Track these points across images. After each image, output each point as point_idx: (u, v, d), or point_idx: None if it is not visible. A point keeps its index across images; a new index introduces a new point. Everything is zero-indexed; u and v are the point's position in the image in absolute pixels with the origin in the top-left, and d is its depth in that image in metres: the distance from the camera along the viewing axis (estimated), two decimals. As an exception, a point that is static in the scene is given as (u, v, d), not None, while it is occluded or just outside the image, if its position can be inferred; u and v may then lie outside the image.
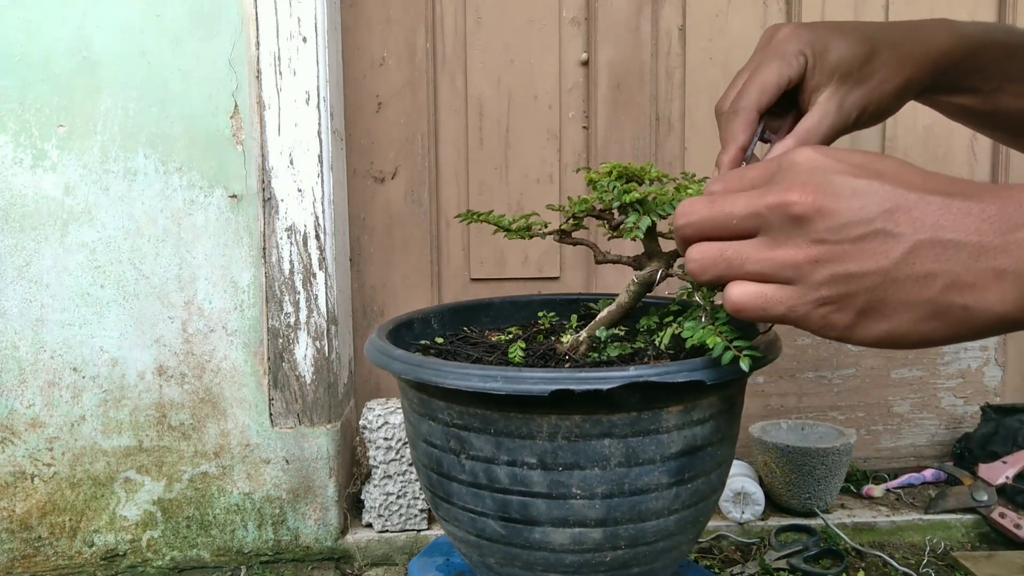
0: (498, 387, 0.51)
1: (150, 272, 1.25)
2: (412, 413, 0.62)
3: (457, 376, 0.53)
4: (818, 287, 0.40)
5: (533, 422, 0.54)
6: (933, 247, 0.38)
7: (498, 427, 0.55)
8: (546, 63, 1.44)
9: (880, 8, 1.46)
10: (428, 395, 0.59)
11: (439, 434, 0.58)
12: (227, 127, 1.24)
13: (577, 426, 0.54)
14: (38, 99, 1.21)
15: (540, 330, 0.75)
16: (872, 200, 0.39)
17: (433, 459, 0.60)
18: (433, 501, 0.63)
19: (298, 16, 1.22)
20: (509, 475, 0.55)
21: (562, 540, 0.56)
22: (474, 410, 0.55)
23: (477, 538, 0.59)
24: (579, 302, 0.83)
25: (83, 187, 1.23)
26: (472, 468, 0.57)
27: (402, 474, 1.29)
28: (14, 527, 1.27)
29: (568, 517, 0.56)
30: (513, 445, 0.55)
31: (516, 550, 0.58)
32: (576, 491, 0.55)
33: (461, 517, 0.60)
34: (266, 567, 1.30)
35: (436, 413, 0.58)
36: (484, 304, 0.82)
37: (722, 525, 1.33)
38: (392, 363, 0.59)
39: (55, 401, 1.26)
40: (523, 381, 0.51)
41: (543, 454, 0.54)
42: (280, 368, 1.28)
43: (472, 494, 0.58)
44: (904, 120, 1.48)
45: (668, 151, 1.48)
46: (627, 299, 0.65)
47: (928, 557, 1.29)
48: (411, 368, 0.57)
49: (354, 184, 1.43)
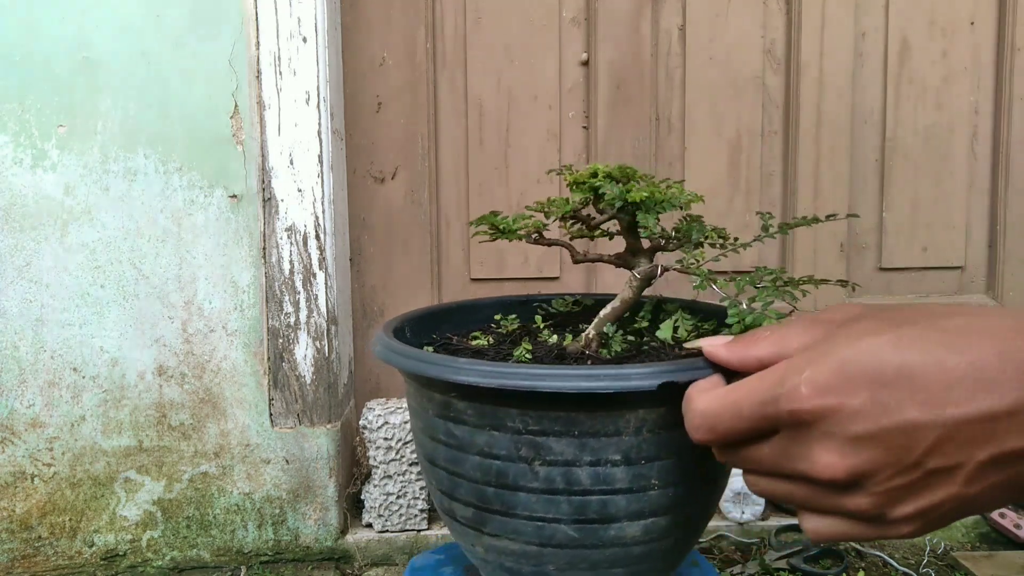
0: (605, 385, 0.51)
1: (150, 272, 1.25)
2: (460, 427, 0.58)
3: (556, 379, 0.51)
4: (897, 524, 0.39)
5: (621, 419, 0.54)
6: (997, 462, 0.36)
7: (583, 428, 0.54)
8: (546, 63, 1.44)
9: (880, 8, 1.46)
10: (495, 404, 0.55)
11: (505, 444, 0.56)
12: (227, 127, 1.24)
13: (659, 418, 0.54)
14: (38, 99, 1.21)
15: (507, 333, 0.74)
16: (913, 440, 0.36)
17: (492, 472, 0.57)
18: (479, 517, 0.59)
19: (298, 16, 1.22)
20: (591, 475, 0.55)
21: (635, 533, 0.57)
22: (555, 413, 0.54)
23: (540, 547, 0.57)
24: (531, 303, 0.82)
25: (83, 187, 1.23)
26: (548, 474, 0.55)
27: (402, 474, 1.29)
28: (14, 527, 1.27)
29: (643, 509, 0.56)
30: (598, 444, 0.54)
31: (586, 551, 0.57)
32: (655, 481, 0.56)
33: (524, 528, 0.57)
34: (266, 567, 1.30)
35: (505, 422, 0.55)
36: (443, 310, 0.79)
37: (722, 525, 1.33)
38: (467, 372, 0.54)
39: (55, 401, 1.26)
40: (629, 378, 0.51)
41: (628, 450, 0.54)
42: (280, 368, 1.28)
43: (545, 501, 0.56)
44: (904, 120, 1.48)
45: (668, 151, 1.48)
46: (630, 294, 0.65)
47: (928, 557, 1.29)
48: (498, 376, 0.52)
49: (354, 184, 1.43)
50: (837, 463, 0.38)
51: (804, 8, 1.44)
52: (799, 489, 0.41)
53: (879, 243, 1.51)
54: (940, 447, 0.36)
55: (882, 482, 0.37)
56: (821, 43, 1.45)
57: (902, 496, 0.38)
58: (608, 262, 0.69)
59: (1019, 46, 1.47)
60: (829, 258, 1.49)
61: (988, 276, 1.54)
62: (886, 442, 0.37)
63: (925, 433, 0.36)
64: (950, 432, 0.35)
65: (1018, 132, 1.49)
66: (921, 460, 0.36)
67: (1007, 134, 1.49)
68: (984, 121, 1.50)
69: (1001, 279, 1.52)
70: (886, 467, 0.37)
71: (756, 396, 0.41)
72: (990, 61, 1.49)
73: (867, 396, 0.37)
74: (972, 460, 0.36)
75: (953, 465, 0.36)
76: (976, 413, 0.35)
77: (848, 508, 0.39)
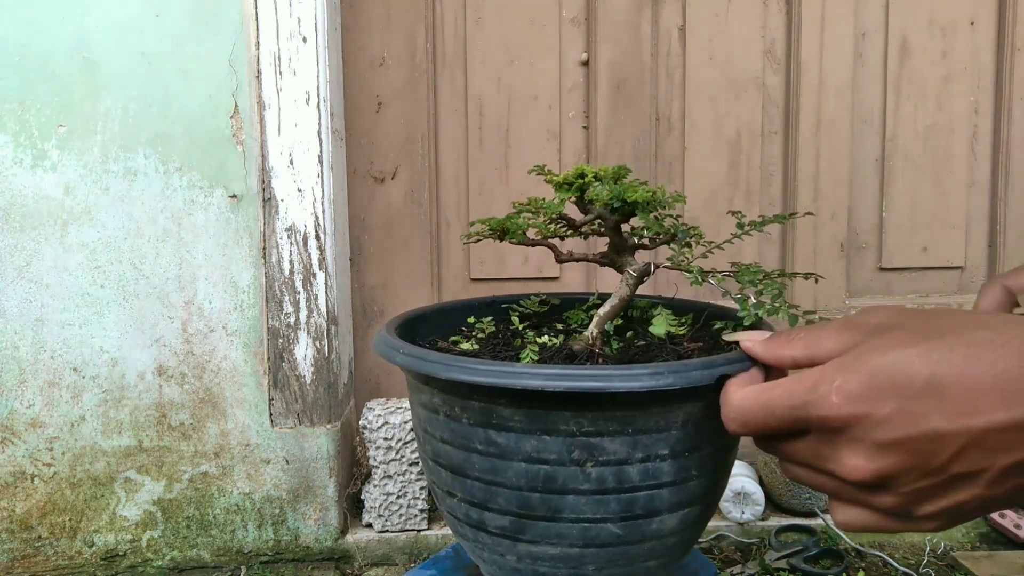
0: (671, 382, 0.52)
1: (150, 272, 1.25)
2: (504, 434, 0.56)
3: (625, 379, 0.51)
4: (922, 520, 0.41)
5: (672, 414, 0.55)
6: (1019, 467, 0.37)
7: (637, 425, 0.54)
8: (546, 63, 1.44)
9: (880, 8, 1.46)
10: (549, 408, 0.54)
11: (556, 447, 0.55)
12: (227, 127, 1.24)
13: (702, 410, 0.55)
14: (38, 99, 1.21)
15: (489, 335, 0.74)
16: (938, 447, 0.38)
17: (539, 478, 0.56)
18: (517, 526, 0.58)
19: (298, 16, 1.22)
20: (641, 472, 0.56)
21: (672, 524, 0.58)
22: (612, 413, 0.54)
23: (582, 549, 0.57)
24: (495, 304, 0.82)
25: (83, 187, 1.23)
26: (600, 474, 0.55)
27: (402, 474, 1.29)
28: (14, 527, 1.27)
29: (683, 500, 0.58)
30: (650, 440, 0.55)
31: (627, 547, 0.57)
32: (694, 472, 0.57)
33: (568, 532, 0.57)
34: (266, 567, 1.30)
35: (558, 425, 0.55)
36: (419, 315, 0.78)
37: (722, 525, 1.33)
38: (530, 377, 0.52)
39: (55, 401, 1.26)
40: (690, 372, 0.52)
41: (675, 443, 0.56)
42: (280, 368, 1.28)
43: (595, 502, 0.56)
44: (904, 119, 1.48)
45: (668, 151, 1.48)
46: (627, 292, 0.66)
47: (928, 557, 1.29)
48: (565, 379, 0.52)
49: (354, 184, 1.43)
50: (864, 466, 0.40)
51: (804, 8, 1.44)
52: (830, 482, 0.43)
53: (879, 243, 1.51)
54: (964, 454, 0.38)
55: (907, 484, 0.39)
56: (821, 43, 1.45)
57: (927, 496, 0.40)
58: (593, 261, 0.70)
59: (1019, 46, 1.47)
60: (829, 258, 1.49)
61: (988, 276, 1.54)
62: (912, 449, 0.38)
63: (950, 441, 0.38)
64: (975, 440, 0.37)
65: (1018, 132, 1.49)
66: (945, 465, 0.38)
67: (1007, 134, 1.49)
68: (984, 121, 1.50)
69: (1001, 279, 1.52)
70: (911, 471, 0.39)
71: (788, 399, 0.43)
72: (990, 61, 1.49)
73: (895, 405, 0.38)
74: (995, 466, 0.37)
75: (977, 470, 0.38)
76: (1000, 423, 0.36)
77: (875, 504, 0.41)
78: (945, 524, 0.41)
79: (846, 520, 0.43)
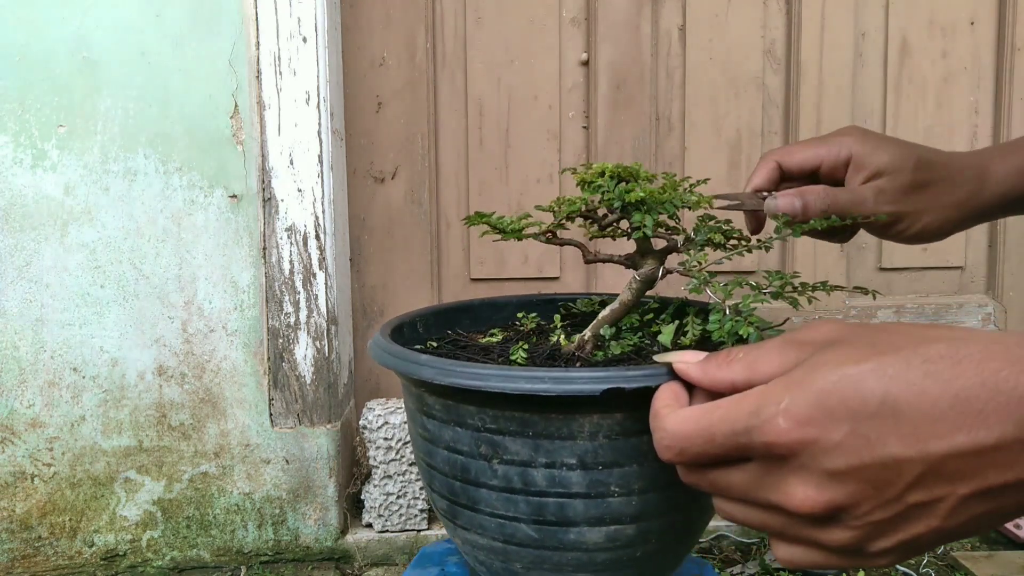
0: (547, 388, 0.51)
1: (150, 272, 1.25)
2: (431, 421, 0.60)
3: (501, 379, 0.52)
4: (875, 556, 0.38)
5: (574, 422, 0.54)
6: (980, 496, 0.35)
7: (536, 429, 0.54)
8: (546, 63, 1.44)
9: (880, 8, 1.46)
10: (456, 400, 0.56)
11: (467, 440, 0.57)
12: (227, 127, 1.24)
13: (616, 424, 0.54)
14: (38, 99, 1.21)
15: (524, 331, 0.75)
16: (894, 475, 0.35)
17: (457, 467, 0.59)
18: (452, 510, 0.61)
19: (298, 16, 1.22)
20: (547, 477, 0.55)
21: (597, 539, 0.57)
22: (510, 413, 0.54)
23: (504, 544, 0.58)
24: (556, 302, 0.83)
25: (83, 187, 1.23)
26: (506, 472, 0.56)
27: (402, 474, 1.29)
28: (14, 527, 1.27)
29: (604, 515, 0.56)
30: (552, 446, 0.55)
31: (547, 552, 0.57)
32: (615, 488, 0.55)
33: (488, 524, 0.58)
34: (266, 567, 1.30)
35: (465, 418, 0.57)
36: (464, 306, 0.80)
37: (722, 525, 1.33)
38: (425, 369, 0.55)
39: (55, 401, 1.26)
40: (573, 381, 0.51)
41: (583, 454, 0.55)
42: (280, 368, 1.28)
43: (504, 499, 0.57)
44: (904, 119, 1.48)
45: (668, 151, 1.48)
46: (630, 296, 0.65)
47: (928, 557, 1.29)
48: (450, 374, 0.54)
49: (354, 184, 1.43)
50: (815, 497, 0.37)
51: (804, 8, 1.44)
52: (772, 519, 0.39)
53: (879, 243, 1.51)
54: (922, 481, 0.35)
55: (861, 516, 0.36)
56: (821, 43, 1.45)
57: (882, 530, 0.37)
58: (617, 263, 0.68)
59: (1019, 46, 1.47)
60: (829, 258, 1.49)
61: (988, 276, 1.54)
62: (867, 477, 0.36)
63: (907, 468, 0.35)
64: (934, 467, 0.34)
65: (1018, 132, 1.49)
66: (902, 494, 0.35)
67: (1007, 134, 1.49)
68: (984, 121, 1.50)
69: (1001, 279, 1.52)
70: (866, 501, 0.36)
71: (729, 424, 0.39)
72: (990, 61, 1.49)
73: (848, 429, 0.35)
74: (954, 494, 0.35)
75: (935, 499, 0.35)
76: (960, 448, 0.34)
77: (825, 541, 0.38)
78: (898, 559, 0.38)
79: (790, 558, 0.40)
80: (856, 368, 0.36)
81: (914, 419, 0.34)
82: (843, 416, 0.35)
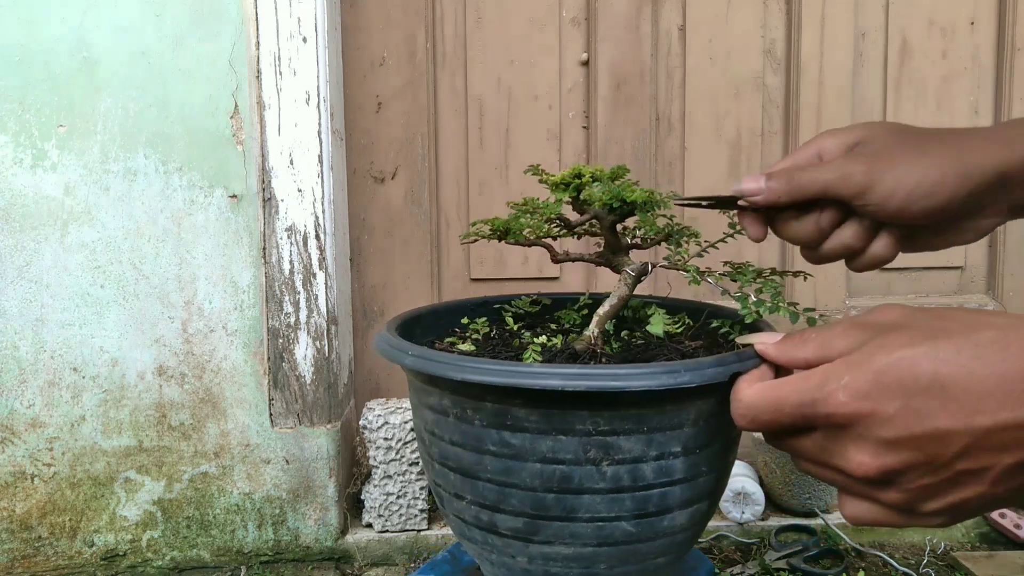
0: (688, 380, 0.52)
1: (150, 272, 1.25)
2: (519, 435, 0.56)
3: (643, 377, 0.52)
4: (928, 516, 0.42)
5: (684, 411, 0.56)
6: (1022, 466, 0.38)
7: (652, 424, 0.55)
8: (546, 63, 1.44)
9: (880, 8, 1.46)
10: (565, 407, 0.55)
11: (572, 447, 0.55)
12: (227, 127, 1.24)
13: (712, 407, 0.56)
14: (38, 99, 1.21)
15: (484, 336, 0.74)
16: (943, 445, 0.39)
17: (554, 478, 0.56)
18: (531, 527, 0.58)
19: (298, 16, 1.22)
20: (655, 469, 0.56)
21: (683, 520, 0.59)
22: (627, 412, 0.55)
23: (596, 548, 0.58)
24: (487, 305, 0.82)
25: (83, 187, 1.23)
26: (615, 473, 0.56)
27: (402, 474, 1.29)
28: (14, 527, 1.27)
29: (693, 496, 0.58)
30: (664, 438, 0.56)
31: (640, 545, 0.58)
32: (704, 468, 0.58)
33: (582, 531, 0.57)
34: (266, 567, 1.30)
35: (574, 425, 0.55)
36: (415, 316, 0.77)
37: (722, 525, 1.33)
38: (547, 377, 0.52)
39: (55, 401, 1.26)
40: (704, 370, 0.53)
41: (687, 440, 0.56)
42: (280, 368, 1.28)
43: (609, 500, 0.56)
44: (904, 119, 1.48)
45: (668, 151, 1.48)
46: (626, 291, 0.66)
47: (928, 557, 1.29)
48: (583, 378, 0.52)
49: (354, 184, 1.43)
50: (869, 463, 0.41)
51: (804, 8, 1.44)
52: (838, 477, 0.44)
53: (879, 243, 1.51)
54: (969, 452, 0.38)
55: (912, 480, 0.40)
56: (821, 43, 1.45)
57: (931, 493, 0.41)
58: (589, 261, 0.70)
59: (1019, 46, 1.47)
60: (829, 258, 1.49)
61: (988, 276, 1.54)
62: (917, 446, 0.39)
63: (955, 439, 0.38)
64: (979, 439, 0.38)
65: (1018, 132, 1.49)
66: (950, 463, 0.39)
67: (1007, 134, 1.49)
68: (984, 121, 1.50)
69: (1001, 279, 1.52)
70: (916, 468, 0.40)
71: (796, 396, 0.44)
72: (990, 61, 1.49)
73: (901, 404, 0.39)
74: (1000, 464, 0.38)
75: (981, 468, 0.39)
76: (1004, 422, 0.37)
77: (882, 500, 0.42)
78: (950, 520, 0.42)
79: (854, 514, 0.44)
80: (911, 351, 0.40)
81: (961, 396, 0.38)
82: (897, 392, 0.39)
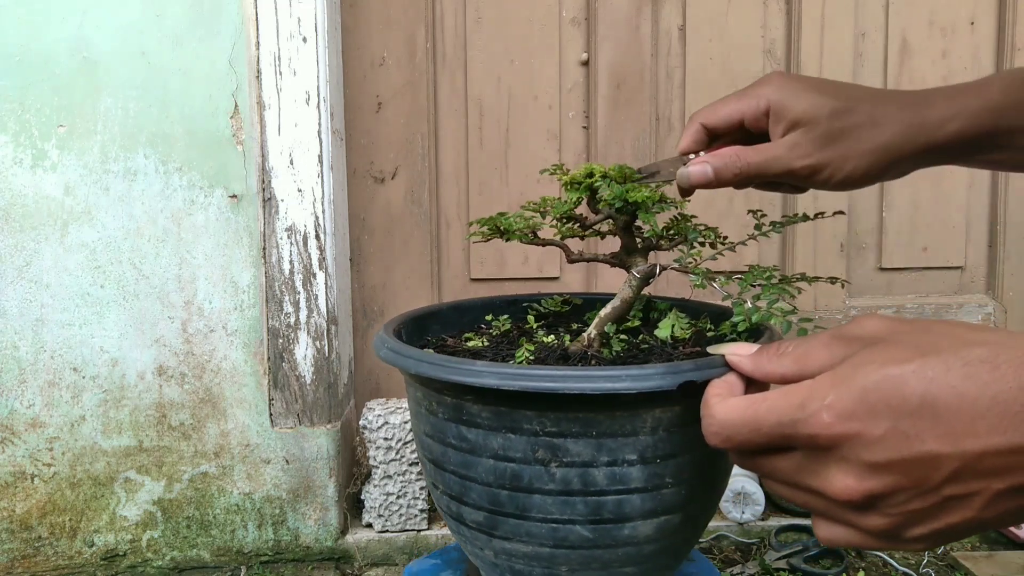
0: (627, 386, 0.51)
1: (150, 272, 1.25)
2: (473, 430, 0.57)
3: (579, 380, 0.52)
4: (910, 542, 0.40)
5: (639, 418, 0.54)
6: (1014, 491, 0.36)
7: (600, 428, 0.54)
8: (546, 63, 1.44)
9: (880, 8, 1.46)
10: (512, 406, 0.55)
11: (521, 446, 0.56)
12: (227, 127, 1.24)
13: (676, 417, 0.55)
14: (38, 99, 1.21)
15: (500, 333, 0.74)
16: (932, 469, 0.37)
17: (506, 475, 0.57)
18: (490, 521, 0.59)
19: (298, 16, 1.22)
20: (608, 475, 0.55)
21: (648, 532, 0.57)
22: (574, 415, 0.54)
23: (553, 549, 0.58)
24: (519, 302, 0.82)
25: (83, 187, 1.23)
26: (565, 475, 0.55)
27: (402, 474, 1.29)
28: (14, 527, 1.27)
29: (657, 507, 0.56)
30: (615, 444, 0.55)
31: (599, 551, 0.57)
32: (669, 480, 0.56)
33: (537, 531, 0.57)
34: (266, 567, 1.30)
35: (521, 424, 0.55)
36: (432, 312, 0.78)
37: (722, 525, 1.33)
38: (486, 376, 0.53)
39: (55, 401, 1.26)
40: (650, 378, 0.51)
41: (644, 449, 0.55)
42: (280, 368, 1.28)
43: (561, 502, 0.56)
44: (904, 120, 1.48)
45: (668, 151, 1.47)
46: (630, 293, 0.65)
47: (928, 557, 1.29)
48: (519, 378, 0.52)
49: (354, 184, 1.43)
50: (854, 486, 0.39)
51: (804, 8, 1.44)
52: (815, 501, 0.42)
53: (879, 243, 1.51)
54: (958, 477, 0.37)
55: (897, 505, 0.38)
56: (821, 43, 1.45)
57: (917, 519, 0.39)
58: (603, 261, 0.69)
59: (1019, 46, 1.47)
60: (829, 258, 1.49)
61: (988, 276, 1.54)
62: (904, 470, 0.37)
63: (944, 463, 0.37)
64: (969, 463, 0.36)
65: (1018, 132, 1.49)
66: (938, 487, 0.37)
67: (1007, 134, 1.49)
68: (984, 121, 1.50)
69: (1001, 279, 1.52)
70: (902, 492, 0.38)
71: (775, 416, 0.41)
72: (990, 61, 1.49)
73: (888, 425, 0.37)
74: (989, 489, 0.36)
75: (970, 493, 0.37)
76: (995, 447, 0.36)
77: (863, 525, 0.40)
78: (932, 545, 0.40)
79: (830, 537, 0.42)
80: (899, 368, 0.37)
81: (951, 419, 0.36)
82: (884, 413, 0.37)
